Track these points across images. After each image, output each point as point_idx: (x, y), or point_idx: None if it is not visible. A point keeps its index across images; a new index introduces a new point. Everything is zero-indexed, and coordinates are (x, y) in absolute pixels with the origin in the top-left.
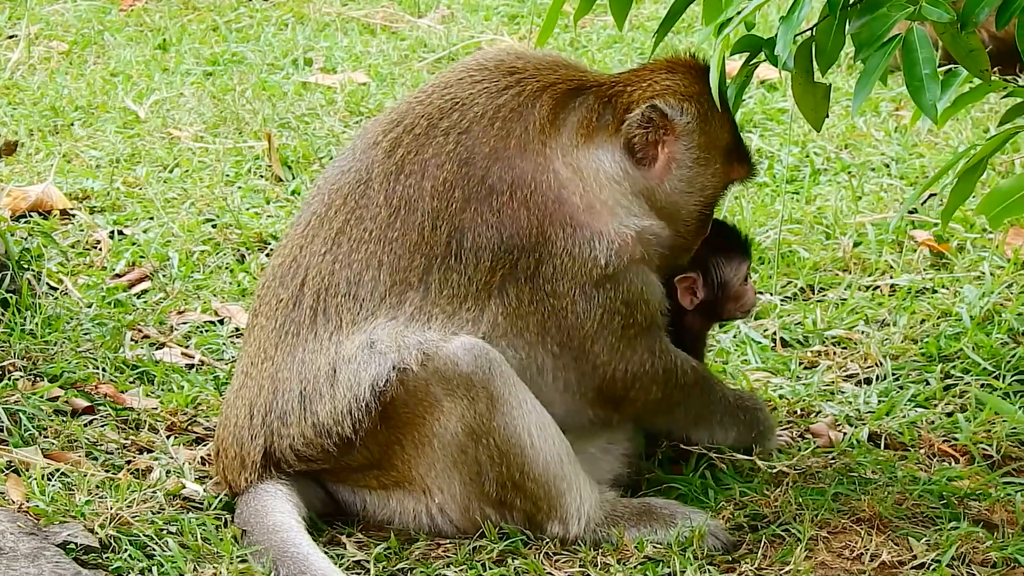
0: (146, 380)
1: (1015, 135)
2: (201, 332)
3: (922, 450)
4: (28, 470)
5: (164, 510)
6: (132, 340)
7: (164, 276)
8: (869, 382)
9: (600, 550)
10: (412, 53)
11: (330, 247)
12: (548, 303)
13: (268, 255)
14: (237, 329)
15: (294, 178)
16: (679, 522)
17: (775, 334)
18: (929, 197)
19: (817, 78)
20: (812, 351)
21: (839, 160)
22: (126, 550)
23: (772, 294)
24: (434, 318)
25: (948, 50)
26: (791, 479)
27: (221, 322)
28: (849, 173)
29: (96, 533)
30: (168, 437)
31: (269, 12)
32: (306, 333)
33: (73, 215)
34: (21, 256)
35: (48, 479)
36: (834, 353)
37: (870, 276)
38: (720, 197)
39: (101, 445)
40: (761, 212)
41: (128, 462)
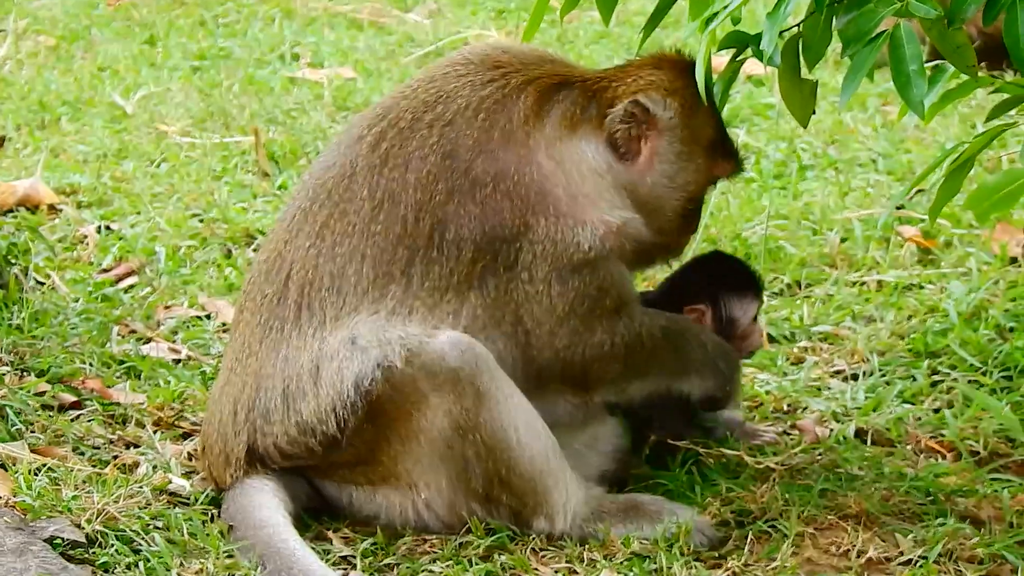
0: (133, 375)
1: (1002, 132)
2: (188, 327)
3: (909, 446)
4: (15, 465)
5: (151, 505)
6: (119, 335)
7: (151, 271)
8: (856, 378)
9: (586, 546)
10: (399, 48)
11: (314, 241)
12: (523, 289)
13: (255, 250)
14: (224, 324)
15: (281, 173)
16: (665, 518)
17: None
18: (916, 193)
19: (804, 74)
20: (799, 347)
21: (826, 156)
22: (113, 545)
23: None
24: (415, 311)
25: (935, 46)
26: (778, 475)
27: (208, 317)
28: (836, 169)
29: (83, 528)
30: (155, 432)
31: (256, 7)
32: (290, 329)
33: (60, 210)
34: (8, 251)
35: (35, 474)
36: (821, 349)
37: (857, 272)
38: (704, 193)
39: (88, 440)
40: (748, 208)
41: (115, 457)
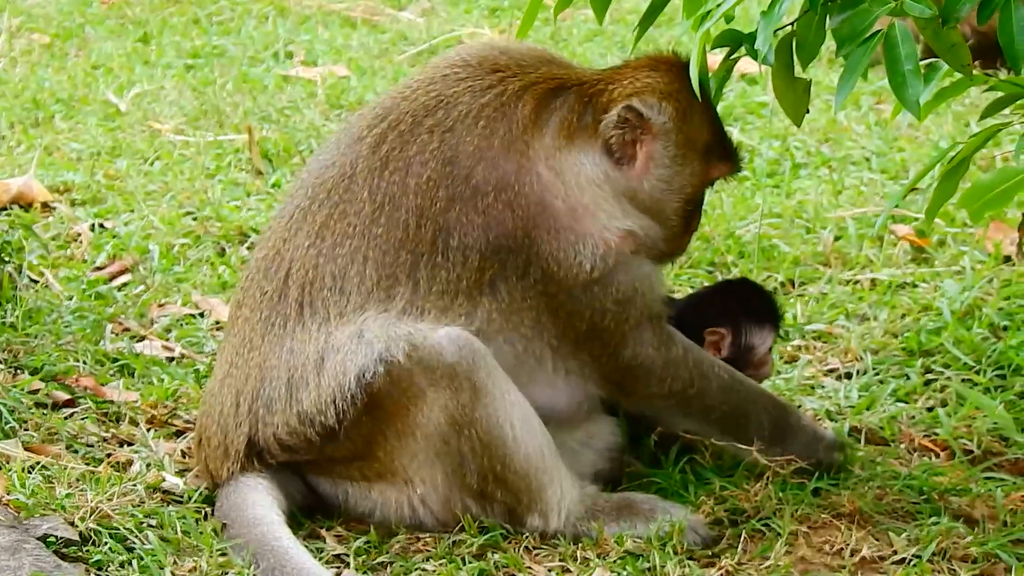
0: (127, 373)
1: (997, 132)
2: (181, 325)
3: (902, 445)
4: (8, 463)
5: (144, 503)
6: (113, 333)
7: (145, 269)
8: (850, 376)
9: (580, 544)
10: (392, 46)
11: (313, 241)
12: (540, 300)
13: (248, 248)
14: (217, 322)
15: (274, 171)
16: (659, 517)
17: None
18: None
19: (798, 73)
20: (792, 345)
21: (819, 154)
22: (106, 543)
23: None
24: (427, 312)
25: (929, 44)
26: (771, 474)
27: (201, 315)
28: (829, 167)
29: (76, 526)
30: (148, 430)
31: (250, 5)
32: (293, 324)
33: (54, 208)
34: (2, 249)
35: (28, 472)
36: (814, 348)
37: (850, 270)
38: (702, 195)
39: (81, 438)
40: (741, 206)
41: (108, 455)
